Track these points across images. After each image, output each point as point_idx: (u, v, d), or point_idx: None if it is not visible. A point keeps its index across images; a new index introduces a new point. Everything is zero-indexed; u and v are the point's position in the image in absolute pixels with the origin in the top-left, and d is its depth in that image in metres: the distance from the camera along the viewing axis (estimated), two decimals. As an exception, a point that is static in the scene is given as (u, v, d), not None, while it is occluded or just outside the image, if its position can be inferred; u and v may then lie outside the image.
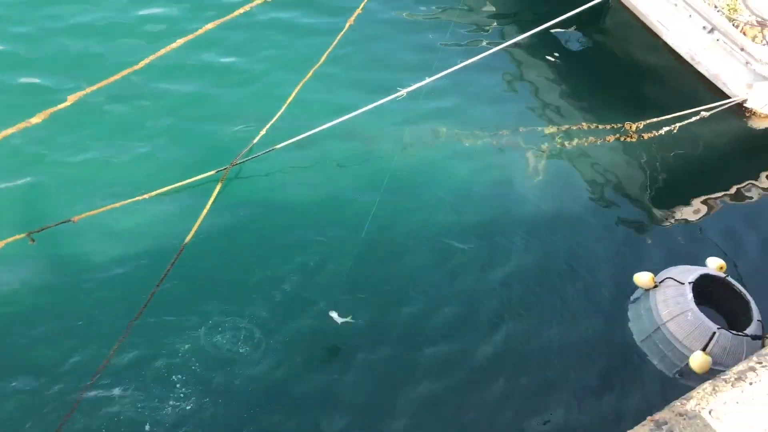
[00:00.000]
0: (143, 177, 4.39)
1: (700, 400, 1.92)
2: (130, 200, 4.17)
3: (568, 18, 4.72)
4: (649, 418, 1.89)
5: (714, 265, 4.46)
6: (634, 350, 4.26)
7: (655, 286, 4.31)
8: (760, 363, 1.98)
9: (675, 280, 4.30)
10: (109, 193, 4.25)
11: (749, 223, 5.27)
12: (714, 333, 4.00)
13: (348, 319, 3.84)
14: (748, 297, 4.20)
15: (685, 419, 1.86)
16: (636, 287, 4.40)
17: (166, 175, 4.38)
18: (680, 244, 4.94)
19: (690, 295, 4.14)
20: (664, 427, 1.83)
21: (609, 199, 5.16)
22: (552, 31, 6.08)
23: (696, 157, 5.68)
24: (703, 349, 3.94)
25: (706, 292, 4.31)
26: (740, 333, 4.01)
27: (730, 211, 5.35)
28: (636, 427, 1.87)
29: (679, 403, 1.92)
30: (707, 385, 2.00)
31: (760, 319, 4.11)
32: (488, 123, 5.42)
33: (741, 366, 2.03)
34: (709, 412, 1.88)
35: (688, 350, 4.03)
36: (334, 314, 3.87)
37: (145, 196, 4.21)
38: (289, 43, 5.74)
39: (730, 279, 4.29)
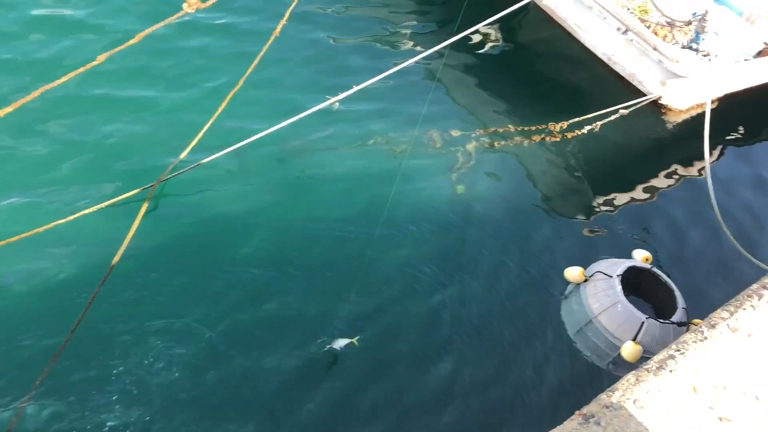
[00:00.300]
0: (65, 202, 4.23)
1: (624, 391, 1.97)
2: (50, 224, 4.01)
3: (489, 22, 4.80)
4: (577, 412, 1.93)
5: (640, 256, 4.61)
6: (567, 344, 4.35)
7: (586, 280, 4.42)
8: (678, 350, 2.05)
9: (604, 273, 4.42)
10: (28, 218, 4.09)
11: (669, 213, 5.48)
12: (643, 323, 4.13)
13: (354, 341, 3.74)
14: (673, 286, 4.35)
15: (610, 411, 1.90)
16: (567, 282, 4.51)
17: (90, 198, 4.24)
18: (608, 238, 5.08)
19: (619, 288, 4.26)
20: (592, 420, 1.87)
21: (537, 198, 5.27)
22: (474, 35, 6.19)
23: (618, 153, 5.86)
24: (634, 339, 4.05)
25: (634, 283, 4.45)
26: (667, 321, 4.15)
27: (652, 203, 5.55)
28: (565, 422, 1.91)
29: (605, 395, 1.97)
30: (631, 376, 2.05)
31: (684, 306, 4.26)
32: (417, 127, 5.46)
33: (661, 355, 2.10)
34: (633, 402, 1.93)
35: (620, 341, 4.13)
36: (337, 342, 3.75)
37: (68, 218, 4.06)
38: (214, 56, 5.64)
39: (655, 269, 4.43)
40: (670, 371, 2.03)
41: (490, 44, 6.47)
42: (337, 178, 4.86)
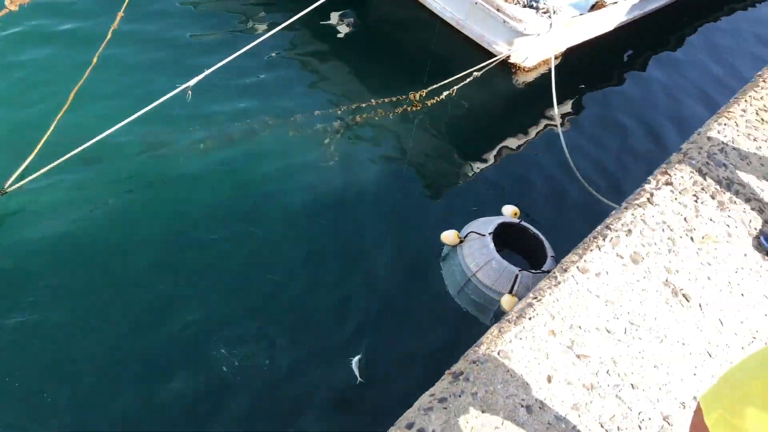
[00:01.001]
0: None
1: (489, 344, 2.04)
2: None
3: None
4: (447, 371, 1.99)
5: (508, 212, 4.79)
6: (451, 305, 4.48)
7: (461, 242, 4.55)
8: (536, 298, 2.15)
9: (477, 233, 4.56)
10: None
11: (531, 167, 5.70)
12: (517, 275, 4.31)
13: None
14: (541, 237, 4.57)
15: (477, 365, 1.97)
16: (444, 245, 4.63)
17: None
18: (478, 198, 5.22)
19: (491, 245, 4.41)
20: (461, 377, 1.93)
21: (407, 167, 5.33)
22: (326, 18, 6.16)
23: (478, 115, 6.03)
24: (510, 291, 4.23)
25: (507, 238, 4.63)
26: (538, 270, 4.36)
27: (515, 158, 5.76)
28: (436, 383, 1.96)
29: (471, 351, 2.03)
30: (494, 329, 2.13)
31: (553, 255, 4.48)
32: (281, 111, 5.38)
33: (521, 304, 2.19)
34: (498, 353, 2.00)
35: (498, 294, 4.29)
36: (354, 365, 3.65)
37: None
38: (49, 55, 5.30)
39: (524, 223, 4.62)
40: (529, 319, 2.13)
41: (343, 25, 6.45)
42: (199, 175, 4.69)
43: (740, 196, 2.71)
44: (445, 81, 5.72)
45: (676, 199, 2.64)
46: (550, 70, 5.69)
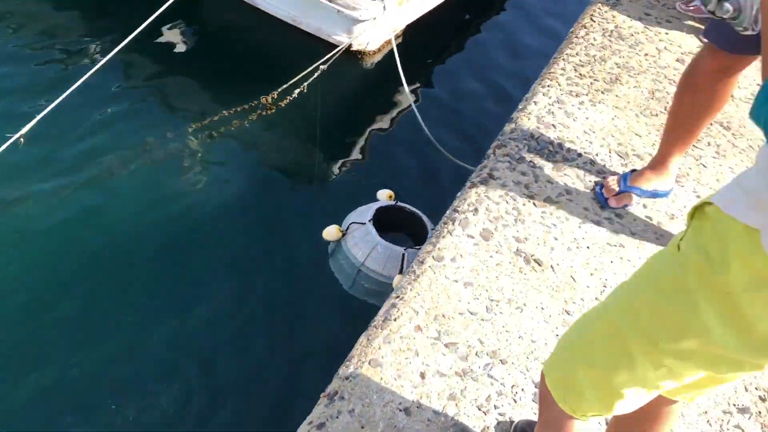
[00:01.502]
0: None
1: (359, 356, 2.05)
2: None
3: (166, 15, 4.61)
4: (322, 394, 1.98)
5: (384, 196, 4.84)
6: (347, 299, 4.48)
7: (344, 235, 4.56)
8: (398, 297, 2.17)
9: (357, 222, 4.58)
10: None
11: (397, 147, 5.78)
12: (403, 254, 4.38)
13: None
14: (419, 213, 4.65)
15: (350, 381, 1.97)
16: (329, 242, 4.62)
17: None
18: (353, 188, 5.23)
19: (373, 231, 4.44)
20: (336, 398, 1.93)
21: (276, 174, 5.26)
22: (160, 36, 5.93)
23: (334, 106, 6.02)
24: (400, 272, 4.29)
25: (389, 221, 4.67)
26: (420, 246, 4.44)
27: (380, 142, 5.82)
28: (314, 409, 1.95)
29: (343, 367, 2.04)
30: (362, 338, 2.14)
31: (433, 228, 4.58)
32: (132, 142, 5.16)
33: (385, 307, 2.21)
34: (369, 363, 2.02)
35: (389, 278, 4.34)
36: None
37: None
38: None
39: (400, 203, 4.68)
40: (394, 320, 2.15)
41: (178, 40, 6.24)
42: (58, 227, 4.45)
43: (572, 153, 2.84)
44: (294, 79, 5.66)
45: (515, 168, 2.74)
46: (393, 51, 5.75)
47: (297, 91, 5.64)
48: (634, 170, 2.63)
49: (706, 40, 2.12)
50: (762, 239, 1.06)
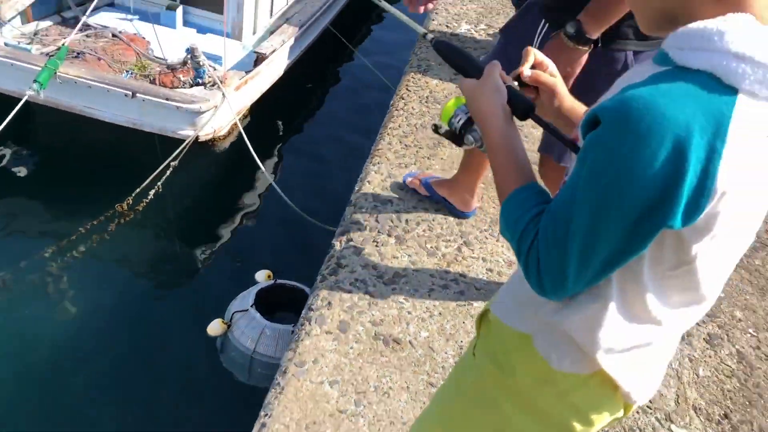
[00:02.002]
0: None
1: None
2: None
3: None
4: None
5: (262, 277, 4.82)
6: (248, 391, 4.41)
7: (229, 326, 4.51)
8: (266, 415, 2.21)
9: (240, 311, 4.55)
10: None
11: (264, 223, 5.82)
12: (293, 331, 4.38)
13: None
14: (301, 286, 4.68)
15: None
16: (215, 337, 4.55)
17: None
18: (231, 276, 5.20)
19: (258, 316, 4.41)
20: None
21: (148, 278, 5.14)
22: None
23: (195, 198, 5.97)
24: (295, 350, 4.29)
25: (274, 301, 4.66)
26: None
27: (248, 223, 5.83)
28: None
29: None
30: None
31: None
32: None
33: (256, 427, 2.23)
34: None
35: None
36: None
37: None
38: None
39: (280, 281, 4.69)
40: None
41: (17, 165, 6.03)
42: None
43: (411, 223, 2.99)
44: (146, 182, 5.58)
45: (360, 252, 2.85)
46: (242, 132, 5.82)
47: (152, 192, 5.56)
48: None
49: None
50: (534, 343, 1.19)
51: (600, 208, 0.89)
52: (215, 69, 5.92)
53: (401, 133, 3.40)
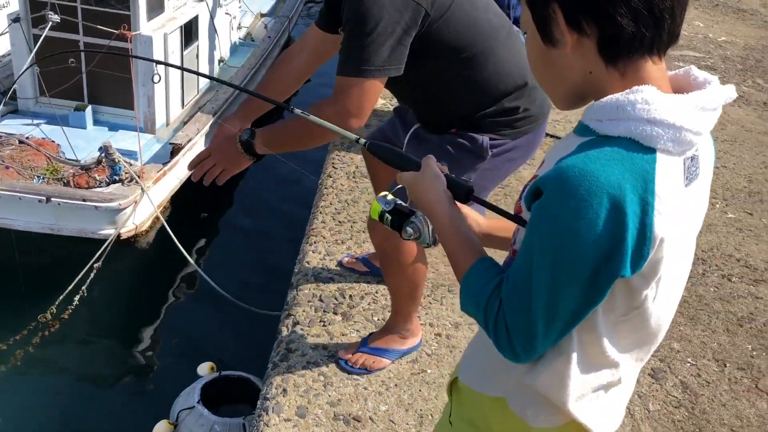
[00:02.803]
0: None
1: None
2: None
3: None
4: None
5: (205, 369, 4.70)
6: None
7: (176, 427, 4.34)
8: None
9: (186, 408, 4.39)
10: None
11: (197, 315, 5.72)
12: (243, 424, 4.25)
13: None
14: (247, 375, 4.57)
15: None
16: (162, 445, 4.36)
17: None
18: (172, 374, 5.01)
19: (205, 412, 4.26)
20: None
21: (83, 387, 4.92)
22: None
23: (123, 297, 5.80)
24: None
25: (221, 394, 4.52)
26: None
27: (182, 317, 5.71)
28: None
29: None
30: None
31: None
32: None
33: None
34: None
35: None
36: None
37: None
38: None
39: (224, 372, 4.58)
40: None
41: None
42: None
43: (354, 298, 3.04)
44: (69, 288, 5.40)
45: (308, 334, 2.86)
46: (163, 225, 5.76)
47: (77, 297, 5.39)
48: (370, 335, 2.79)
49: None
50: (510, 404, 1.25)
51: (556, 270, 0.97)
52: (131, 164, 5.87)
53: (333, 210, 3.49)
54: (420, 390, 2.70)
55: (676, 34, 1.00)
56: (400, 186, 1.30)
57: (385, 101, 4.85)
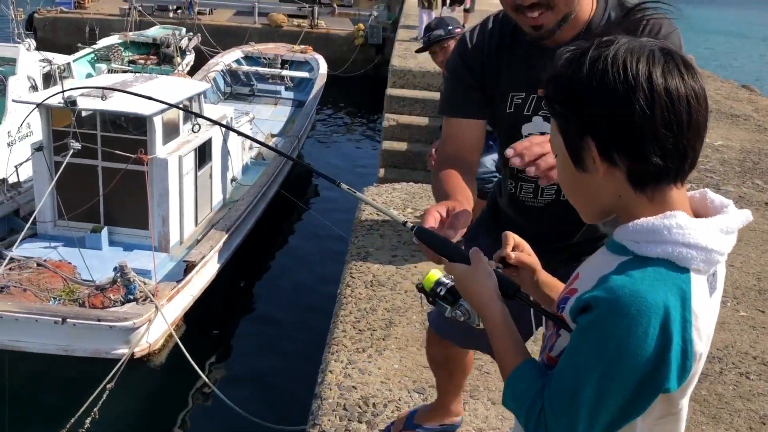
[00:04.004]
0: None
1: None
2: None
3: None
4: None
5: None
6: None
7: None
8: None
9: None
10: None
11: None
12: None
13: None
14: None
15: None
16: None
17: None
18: None
19: None
20: None
21: None
22: None
23: (136, 417, 5.83)
24: None
25: None
26: None
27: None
28: None
29: None
30: None
31: None
32: None
33: None
34: None
35: None
36: None
37: None
38: None
39: None
40: None
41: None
42: None
43: (378, 407, 3.12)
44: (79, 412, 5.41)
45: (334, 443, 2.93)
46: (177, 343, 5.85)
47: (88, 419, 5.40)
48: (417, 410, 2.89)
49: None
50: None
51: (604, 382, 1.07)
52: (146, 283, 6.05)
53: (353, 319, 3.61)
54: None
55: (696, 163, 1.13)
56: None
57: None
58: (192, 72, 13.36)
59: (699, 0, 37.39)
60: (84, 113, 6.48)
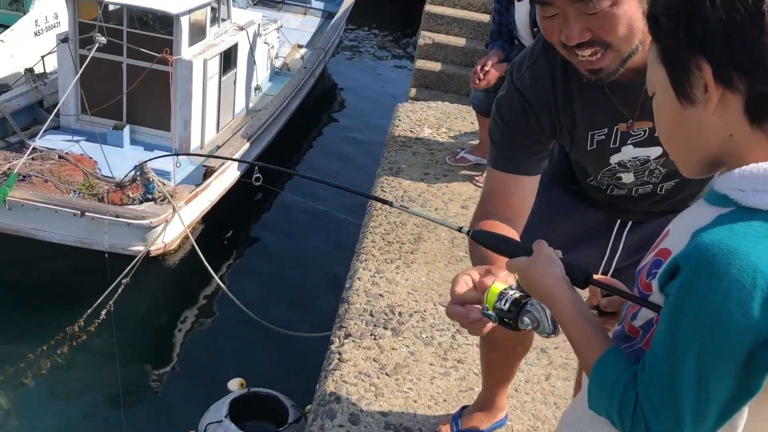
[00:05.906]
0: None
1: None
2: None
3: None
4: None
5: (235, 385, 4.83)
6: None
7: (204, 442, 4.44)
8: None
9: (213, 422, 4.49)
10: None
11: (227, 337, 5.84)
12: None
13: None
14: (275, 393, 4.70)
15: None
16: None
17: None
18: (201, 387, 5.11)
19: (233, 426, 4.35)
20: None
21: (108, 400, 5.03)
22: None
23: (149, 314, 5.96)
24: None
25: (249, 409, 4.63)
26: (285, 426, 4.47)
27: (219, 335, 5.83)
28: None
29: None
30: None
31: (293, 403, 4.64)
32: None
33: None
34: None
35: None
36: None
37: None
38: None
39: (253, 389, 4.69)
40: None
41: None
42: None
43: (404, 315, 3.19)
44: (97, 302, 5.54)
45: (360, 346, 3.00)
46: (193, 245, 5.93)
47: (104, 311, 5.53)
48: (464, 407, 2.79)
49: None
50: None
51: (705, 357, 0.88)
52: (164, 184, 6.08)
53: (383, 231, 3.66)
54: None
55: None
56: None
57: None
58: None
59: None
60: (111, 7, 6.36)
